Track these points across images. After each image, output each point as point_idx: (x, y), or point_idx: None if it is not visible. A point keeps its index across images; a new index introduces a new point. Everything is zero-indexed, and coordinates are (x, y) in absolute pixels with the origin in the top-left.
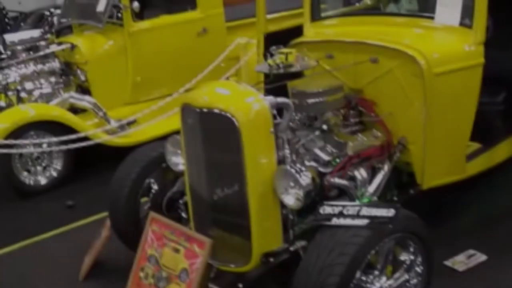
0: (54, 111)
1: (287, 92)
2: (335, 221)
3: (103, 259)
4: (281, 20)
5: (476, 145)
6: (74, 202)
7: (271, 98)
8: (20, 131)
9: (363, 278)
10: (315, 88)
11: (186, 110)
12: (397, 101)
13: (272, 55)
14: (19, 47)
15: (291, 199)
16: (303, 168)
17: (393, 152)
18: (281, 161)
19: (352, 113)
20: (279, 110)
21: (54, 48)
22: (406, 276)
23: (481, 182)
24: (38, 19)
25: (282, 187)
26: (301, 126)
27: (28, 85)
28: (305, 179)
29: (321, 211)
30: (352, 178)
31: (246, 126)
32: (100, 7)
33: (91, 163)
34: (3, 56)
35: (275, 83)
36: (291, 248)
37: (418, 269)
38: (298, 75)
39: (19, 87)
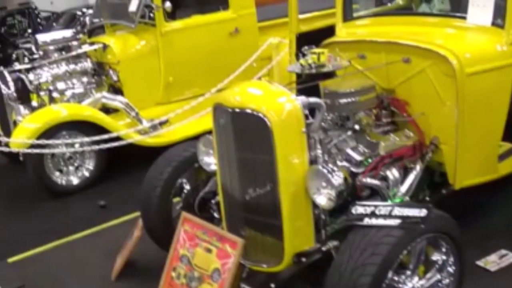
0: (86, 111)
1: (319, 92)
2: (367, 221)
3: (135, 259)
4: (313, 20)
5: (508, 145)
6: (106, 202)
7: (303, 98)
8: (52, 131)
9: (395, 278)
10: (347, 88)
11: (218, 110)
12: (429, 101)
13: (304, 55)
14: (51, 47)
15: (323, 199)
16: (335, 168)
17: (425, 152)
18: (313, 161)
19: (384, 113)
20: (311, 110)
21: (86, 48)
22: (438, 276)
23: None
24: (70, 19)
25: (314, 187)
26: (333, 126)
27: (60, 85)
28: (337, 179)
29: (353, 211)
30: (384, 178)
31: (278, 126)
32: (132, 7)
33: (123, 163)
34: (36, 56)
35: (307, 83)
36: (323, 248)
37: (450, 269)
38: (330, 75)
39: (51, 87)
